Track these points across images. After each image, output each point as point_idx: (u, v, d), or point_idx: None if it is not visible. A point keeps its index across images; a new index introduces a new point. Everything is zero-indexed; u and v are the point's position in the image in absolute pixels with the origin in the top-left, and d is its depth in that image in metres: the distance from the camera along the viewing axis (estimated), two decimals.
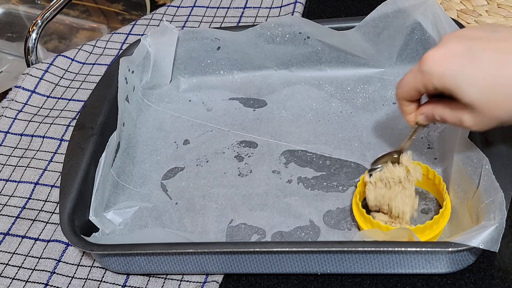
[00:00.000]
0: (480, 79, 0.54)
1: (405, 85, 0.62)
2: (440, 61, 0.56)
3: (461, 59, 0.55)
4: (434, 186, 0.72)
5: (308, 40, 0.87)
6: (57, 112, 0.92)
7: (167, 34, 0.88)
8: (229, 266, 0.68)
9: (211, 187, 0.79)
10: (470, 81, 0.55)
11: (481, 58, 0.55)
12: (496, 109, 0.56)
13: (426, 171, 0.72)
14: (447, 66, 0.56)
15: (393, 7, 0.82)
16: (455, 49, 0.56)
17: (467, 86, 0.55)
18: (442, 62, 0.56)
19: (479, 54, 0.55)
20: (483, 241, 0.60)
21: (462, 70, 0.55)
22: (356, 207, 0.70)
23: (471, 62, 0.55)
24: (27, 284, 0.73)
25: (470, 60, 0.55)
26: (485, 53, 0.55)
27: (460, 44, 0.56)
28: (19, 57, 1.32)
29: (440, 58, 0.56)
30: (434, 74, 0.57)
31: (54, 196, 0.82)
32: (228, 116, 0.88)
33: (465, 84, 0.55)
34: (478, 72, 0.54)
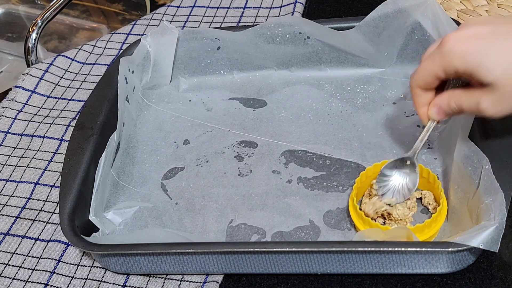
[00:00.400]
0: (504, 56, 0.54)
1: (422, 71, 0.60)
2: (464, 40, 0.56)
3: (486, 38, 0.55)
4: (429, 184, 0.72)
5: (308, 40, 0.87)
6: (57, 112, 0.92)
7: (167, 34, 0.88)
8: (229, 266, 0.68)
9: (211, 187, 0.79)
10: (495, 58, 0.54)
11: (507, 37, 0.54)
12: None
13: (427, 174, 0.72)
14: (472, 44, 0.55)
15: (393, 7, 0.82)
16: (479, 30, 0.55)
17: (491, 64, 0.54)
18: (466, 41, 0.55)
19: (505, 34, 0.54)
20: (483, 241, 0.60)
21: (487, 48, 0.55)
22: (354, 210, 0.70)
23: (497, 41, 0.54)
24: (27, 284, 0.73)
25: (495, 40, 0.54)
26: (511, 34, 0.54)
27: (484, 26, 0.56)
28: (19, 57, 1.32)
29: (464, 38, 0.56)
30: (456, 53, 0.56)
31: (54, 196, 0.82)
32: (228, 116, 0.88)
33: (489, 62, 0.54)
34: (504, 50, 0.54)
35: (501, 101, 0.56)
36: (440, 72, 0.59)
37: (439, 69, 0.58)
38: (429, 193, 0.72)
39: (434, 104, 0.63)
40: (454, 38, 0.56)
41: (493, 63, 0.54)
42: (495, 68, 0.54)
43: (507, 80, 0.55)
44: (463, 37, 0.56)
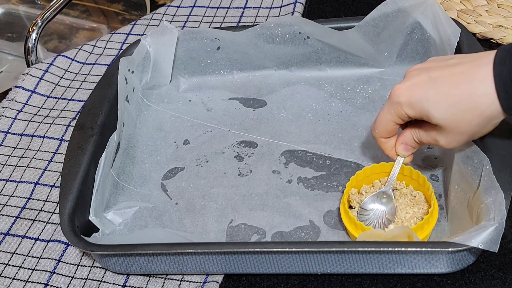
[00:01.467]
0: (442, 99, 0.61)
1: (380, 122, 0.68)
2: (405, 90, 0.63)
3: (423, 86, 0.62)
4: (420, 186, 0.72)
5: (308, 40, 0.87)
6: (57, 112, 0.92)
7: (167, 34, 0.88)
8: (229, 266, 0.68)
9: (211, 187, 0.79)
10: (435, 103, 0.61)
11: (440, 82, 0.61)
12: (462, 125, 0.61)
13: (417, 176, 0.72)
14: (412, 93, 0.63)
15: (393, 6, 0.82)
16: (417, 80, 0.63)
17: (433, 108, 0.61)
18: (407, 91, 0.63)
19: (438, 79, 0.62)
20: (482, 241, 0.60)
21: (425, 94, 0.62)
22: (345, 215, 0.70)
23: (432, 87, 0.62)
24: (27, 284, 0.73)
25: (430, 86, 0.62)
26: (443, 78, 0.61)
27: (422, 75, 0.63)
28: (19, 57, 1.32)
29: (405, 88, 0.63)
30: (402, 103, 0.64)
31: (54, 196, 0.82)
32: (228, 116, 0.87)
33: (431, 107, 0.62)
34: (440, 94, 0.61)
35: (452, 137, 0.63)
36: (397, 120, 0.66)
37: (395, 118, 0.66)
38: (419, 193, 0.72)
39: (400, 143, 0.70)
40: (398, 90, 0.64)
41: (434, 107, 0.61)
42: (437, 111, 0.61)
43: (450, 120, 0.61)
44: (405, 88, 0.63)
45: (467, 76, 0.60)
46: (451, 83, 0.61)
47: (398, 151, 0.70)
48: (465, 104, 0.60)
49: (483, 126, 0.61)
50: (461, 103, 0.60)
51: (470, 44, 0.79)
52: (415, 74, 0.64)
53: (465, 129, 0.61)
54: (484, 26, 0.91)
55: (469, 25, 0.91)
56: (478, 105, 0.59)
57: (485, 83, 0.59)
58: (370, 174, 0.73)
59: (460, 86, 0.60)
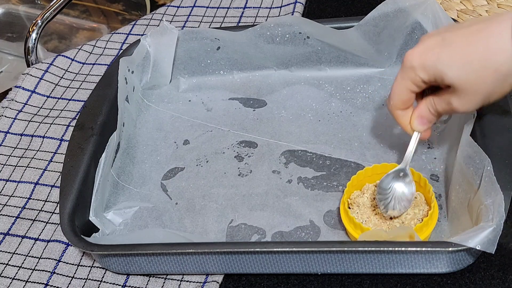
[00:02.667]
0: (456, 59, 0.59)
1: (395, 91, 0.66)
2: (418, 54, 0.62)
3: (436, 48, 0.61)
4: (421, 187, 0.72)
5: (308, 40, 0.87)
6: (57, 112, 0.92)
7: (167, 34, 0.88)
8: (229, 266, 0.68)
9: (211, 187, 0.79)
10: (448, 63, 0.60)
11: (453, 42, 0.60)
12: (476, 83, 0.59)
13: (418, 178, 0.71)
14: (426, 56, 0.61)
15: (393, 6, 0.82)
16: (430, 42, 0.62)
17: (447, 69, 0.60)
18: (420, 55, 0.62)
19: (451, 40, 0.60)
20: (480, 242, 0.60)
21: (439, 56, 0.60)
22: (345, 214, 0.70)
23: (446, 48, 0.60)
24: (27, 284, 0.73)
25: (444, 47, 0.60)
26: (457, 38, 0.60)
27: (434, 37, 0.62)
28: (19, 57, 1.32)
29: (418, 52, 0.62)
30: (416, 67, 0.62)
31: (54, 196, 0.82)
32: (228, 116, 0.88)
33: (444, 67, 0.60)
34: (453, 54, 0.60)
35: (467, 98, 0.61)
36: (412, 87, 0.64)
37: (410, 84, 0.64)
38: (420, 195, 0.72)
39: (416, 117, 0.68)
40: (411, 55, 0.62)
41: (448, 67, 0.60)
42: (450, 71, 0.60)
43: (464, 80, 0.60)
44: (419, 52, 0.62)
45: (482, 33, 0.58)
46: (465, 42, 0.59)
47: (413, 125, 0.68)
48: (479, 62, 0.58)
49: (498, 85, 0.59)
50: (475, 61, 0.58)
51: None
52: (428, 37, 0.62)
53: (479, 88, 0.59)
54: None
55: None
56: (493, 62, 0.57)
57: (501, 39, 0.57)
58: (372, 174, 0.73)
59: (474, 44, 0.58)
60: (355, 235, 0.68)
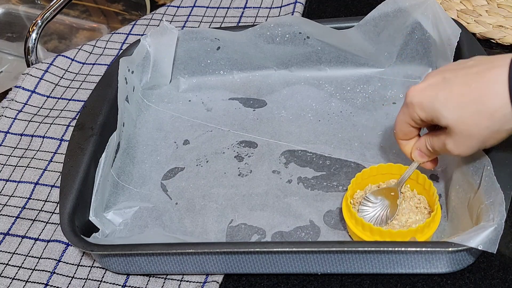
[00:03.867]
0: (452, 100, 0.60)
1: (397, 123, 0.67)
2: (419, 92, 0.63)
3: (436, 87, 0.61)
4: (425, 190, 0.72)
5: (308, 40, 0.87)
6: (57, 112, 0.92)
7: (167, 34, 0.88)
8: (229, 266, 0.68)
9: (211, 187, 0.79)
10: (444, 102, 0.60)
11: (452, 82, 0.60)
12: (471, 127, 0.59)
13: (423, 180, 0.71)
14: (425, 94, 0.62)
15: (394, 6, 0.82)
16: (432, 81, 0.62)
17: (442, 108, 0.60)
18: (421, 92, 0.62)
19: (451, 80, 0.60)
20: (481, 242, 0.60)
21: (436, 95, 0.61)
22: (347, 209, 0.70)
23: (444, 88, 0.60)
24: (27, 284, 0.73)
25: (443, 86, 0.61)
26: (456, 78, 0.60)
27: (437, 76, 0.62)
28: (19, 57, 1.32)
29: (419, 90, 0.63)
30: (415, 104, 0.63)
31: (54, 196, 0.82)
32: (228, 116, 0.87)
33: (440, 107, 0.60)
34: (450, 95, 0.60)
35: (461, 141, 0.61)
36: (411, 122, 0.65)
37: (409, 119, 0.65)
38: (423, 198, 0.72)
39: (415, 148, 0.69)
40: (413, 91, 0.63)
41: (444, 107, 0.60)
42: (446, 112, 0.60)
43: (458, 122, 0.60)
44: (419, 89, 0.63)
45: (480, 76, 0.58)
46: (463, 83, 0.59)
47: (412, 155, 0.69)
48: (475, 105, 0.58)
49: (494, 130, 0.59)
50: (471, 104, 0.58)
51: (470, 44, 0.79)
52: (431, 76, 0.63)
53: (474, 132, 0.59)
54: (484, 26, 0.91)
55: (469, 25, 0.91)
56: (488, 107, 0.57)
57: (497, 84, 0.57)
58: (377, 174, 0.73)
59: (471, 86, 0.58)
60: (356, 231, 0.68)
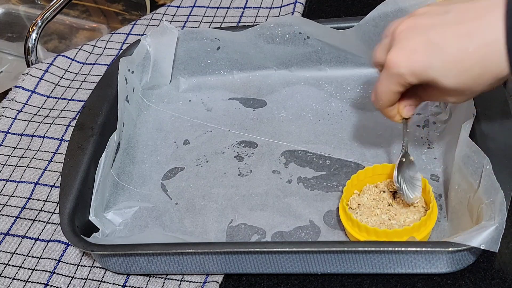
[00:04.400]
0: (451, 67, 0.56)
1: (382, 94, 0.63)
2: (404, 61, 0.58)
3: (424, 53, 0.56)
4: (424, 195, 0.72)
5: (308, 40, 0.87)
6: (57, 112, 0.92)
7: (167, 34, 0.88)
8: (229, 266, 0.68)
9: (211, 187, 0.79)
10: (443, 71, 0.56)
11: (444, 46, 0.56)
12: (474, 86, 0.57)
13: None
14: (414, 62, 0.57)
15: (393, 6, 0.82)
16: (413, 45, 0.57)
17: (441, 77, 0.57)
18: (407, 62, 0.58)
19: (440, 43, 0.56)
20: (483, 241, 0.60)
21: (430, 63, 0.56)
22: (343, 212, 0.70)
23: (436, 53, 0.56)
24: (27, 284, 0.73)
25: (434, 52, 0.56)
26: (447, 41, 0.56)
27: (417, 37, 0.57)
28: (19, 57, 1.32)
29: (404, 59, 0.58)
30: (405, 74, 0.58)
31: (54, 196, 0.82)
32: (228, 116, 0.88)
33: (438, 75, 0.57)
34: (447, 61, 0.56)
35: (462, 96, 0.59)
36: (400, 88, 0.61)
37: (397, 87, 0.61)
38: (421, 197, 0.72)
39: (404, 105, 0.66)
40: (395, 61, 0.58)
41: (444, 76, 0.56)
42: (446, 79, 0.57)
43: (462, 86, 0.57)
44: (403, 58, 0.58)
45: (475, 37, 0.54)
46: (458, 48, 0.55)
47: (403, 114, 0.66)
48: (477, 69, 0.55)
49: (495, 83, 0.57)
50: (473, 68, 0.55)
51: None
52: (408, 36, 0.58)
53: (475, 89, 0.57)
54: None
55: None
56: (493, 68, 0.54)
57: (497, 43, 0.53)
58: (372, 175, 0.73)
59: (468, 50, 0.54)
60: (353, 233, 0.68)
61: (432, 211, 0.67)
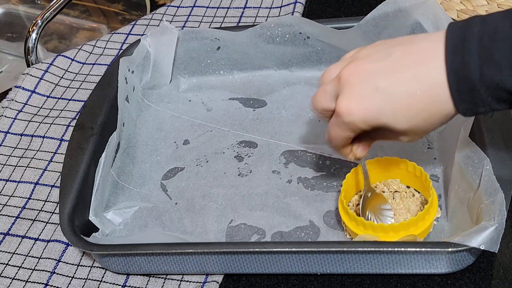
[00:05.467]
0: (402, 113, 0.56)
1: (335, 139, 0.63)
2: (355, 109, 0.58)
3: (373, 99, 0.57)
4: (421, 183, 0.72)
5: (308, 40, 0.87)
6: (57, 112, 0.92)
7: (167, 34, 0.88)
8: (229, 266, 0.68)
9: (211, 187, 0.79)
10: (394, 117, 0.57)
11: (392, 92, 0.56)
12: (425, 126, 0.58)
13: (413, 168, 0.72)
14: (364, 110, 0.57)
15: (394, 6, 0.82)
16: (361, 91, 0.57)
17: (392, 121, 0.57)
18: (358, 111, 0.58)
19: (388, 89, 0.56)
20: (483, 241, 0.60)
21: (381, 109, 0.57)
22: (345, 213, 0.70)
23: (385, 100, 0.56)
24: (27, 284, 0.73)
25: (383, 98, 0.56)
26: (394, 86, 0.56)
27: (364, 84, 0.57)
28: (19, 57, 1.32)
29: (355, 107, 0.58)
30: (356, 121, 0.58)
31: (54, 196, 0.82)
32: (228, 116, 0.87)
33: (390, 121, 0.57)
34: (396, 107, 0.56)
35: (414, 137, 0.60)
36: (352, 134, 0.61)
37: (350, 133, 0.61)
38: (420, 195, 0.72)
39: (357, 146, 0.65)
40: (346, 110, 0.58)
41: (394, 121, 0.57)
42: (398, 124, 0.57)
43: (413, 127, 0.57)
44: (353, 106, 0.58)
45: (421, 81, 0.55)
46: (407, 92, 0.55)
47: (357, 154, 0.66)
48: (427, 111, 0.56)
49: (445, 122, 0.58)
50: (423, 111, 0.56)
51: None
52: (355, 83, 0.58)
53: (429, 129, 0.58)
54: None
55: None
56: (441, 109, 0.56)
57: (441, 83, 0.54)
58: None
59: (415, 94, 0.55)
60: (357, 231, 0.68)
61: (430, 205, 0.67)
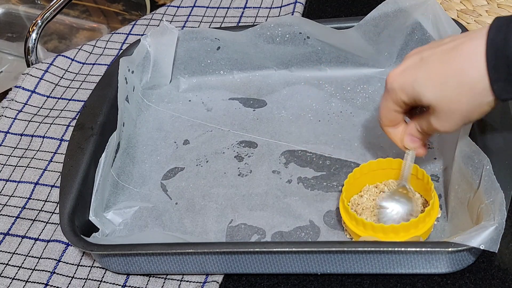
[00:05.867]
0: (432, 79, 0.59)
1: (381, 110, 0.66)
2: (398, 76, 0.62)
3: (414, 68, 0.61)
4: (422, 185, 0.72)
5: (308, 40, 0.87)
6: (57, 112, 0.92)
7: (167, 34, 0.88)
8: (229, 266, 0.68)
9: (211, 187, 0.79)
10: (424, 83, 0.60)
11: (430, 61, 0.59)
12: (452, 103, 0.59)
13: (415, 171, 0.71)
14: (404, 77, 0.61)
15: (394, 6, 0.82)
16: (409, 63, 0.62)
17: (423, 89, 0.60)
18: (399, 76, 0.62)
19: (428, 59, 0.60)
20: (483, 241, 0.60)
21: (416, 76, 0.60)
22: (345, 212, 0.69)
23: (422, 68, 0.60)
24: (27, 284, 0.73)
25: (421, 67, 0.60)
26: (433, 57, 0.59)
27: (414, 56, 0.62)
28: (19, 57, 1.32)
29: (398, 73, 0.62)
30: (396, 89, 0.62)
31: (54, 196, 0.82)
32: (228, 116, 0.88)
33: (421, 88, 0.60)
34: (429, 74, 0.59)
35: (445, 117, 0.61)
36: (395, 107, 0.64)
37: (393, 105, 0.64)
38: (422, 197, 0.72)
39: (406, 134, 0.68)
40: (392, 76, 0.62)
41: (424, 87, 0.60)
42: (427, 91, 0.60)
43: (439, 99, 0.59)
44: (398, 73, 0.62)
45: (457, 51, 0.57)
46: (441, 61, 0.58)
47: (404, 143, 0.68)
48: (454, 81, 0.57)
49: (475, 104, 0.58)
50: (451, 80, 0.57)
51: None
52: (409, 57, 0.62)
53: (456, 107, 0.59)
54: None
55: (469, 25, 0.91)
56: (468, 80, 0.57)
57: (475, 56, 0.56)
58: (368, 171, 0.73)
59: (449, 62, 0.58)
60: (357, 232, 0.68)
61: (432, 208, 0.67)
